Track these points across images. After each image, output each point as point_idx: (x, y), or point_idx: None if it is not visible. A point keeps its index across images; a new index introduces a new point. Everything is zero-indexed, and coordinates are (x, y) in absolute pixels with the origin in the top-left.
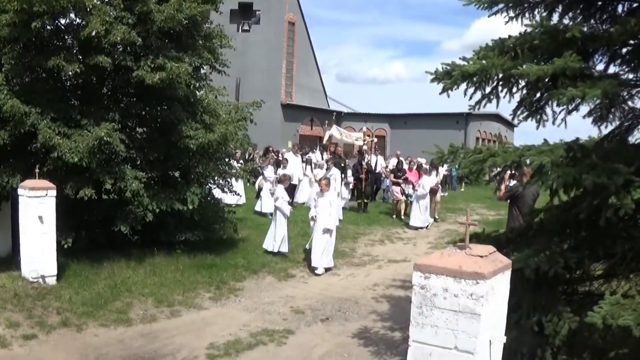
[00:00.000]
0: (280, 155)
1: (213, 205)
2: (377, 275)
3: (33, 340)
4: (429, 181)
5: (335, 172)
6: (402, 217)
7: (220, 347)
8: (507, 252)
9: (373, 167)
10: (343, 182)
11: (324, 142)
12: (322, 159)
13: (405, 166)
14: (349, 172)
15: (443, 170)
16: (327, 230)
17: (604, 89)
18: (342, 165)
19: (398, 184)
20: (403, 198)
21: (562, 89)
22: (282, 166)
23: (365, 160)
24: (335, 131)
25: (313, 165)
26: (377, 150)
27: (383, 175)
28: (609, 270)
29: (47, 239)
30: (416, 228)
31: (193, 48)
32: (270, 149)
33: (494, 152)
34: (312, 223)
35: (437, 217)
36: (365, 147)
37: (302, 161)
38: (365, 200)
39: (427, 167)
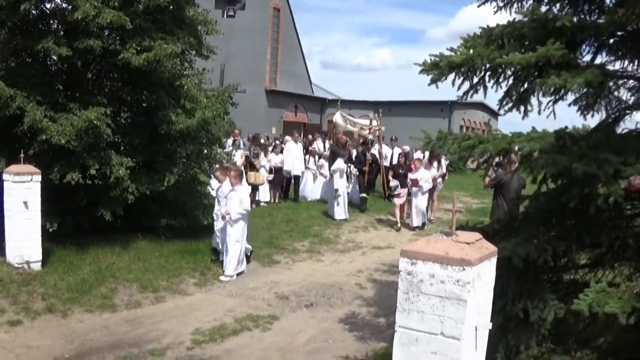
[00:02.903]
0: (270, 141)
1: (195, 191)
2: (361, 261)
3: (18, 326)
4: (430, 174)
5: (340, 164)
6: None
7: (206, 333)
8: (494, 243)
9: (388, 161)
10: (354, 175)
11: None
12: (325, 149)
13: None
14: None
15: (445, 161)
16: (237, 230)
17: (587, 77)
18: (348, 155)
19: (405, 185)
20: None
21: (546, 77)
22: (275, 152)
23: (370, 151)
24: (339, 118)
25: (316, 158)
26: (394, 140)
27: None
28: (594, 259)
29: (32, 224)
30: (413, 228)
31: (178, 33)
32: (261, 136)
33: (484, 138)
34: (217, 220)
35: (432, 218)
36: (370, 137)
37: (305, 152)
38: (366, 195)
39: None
